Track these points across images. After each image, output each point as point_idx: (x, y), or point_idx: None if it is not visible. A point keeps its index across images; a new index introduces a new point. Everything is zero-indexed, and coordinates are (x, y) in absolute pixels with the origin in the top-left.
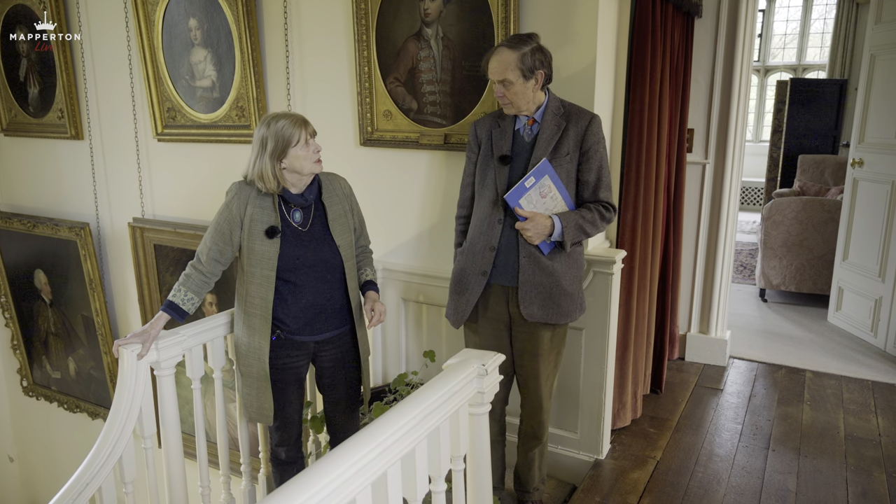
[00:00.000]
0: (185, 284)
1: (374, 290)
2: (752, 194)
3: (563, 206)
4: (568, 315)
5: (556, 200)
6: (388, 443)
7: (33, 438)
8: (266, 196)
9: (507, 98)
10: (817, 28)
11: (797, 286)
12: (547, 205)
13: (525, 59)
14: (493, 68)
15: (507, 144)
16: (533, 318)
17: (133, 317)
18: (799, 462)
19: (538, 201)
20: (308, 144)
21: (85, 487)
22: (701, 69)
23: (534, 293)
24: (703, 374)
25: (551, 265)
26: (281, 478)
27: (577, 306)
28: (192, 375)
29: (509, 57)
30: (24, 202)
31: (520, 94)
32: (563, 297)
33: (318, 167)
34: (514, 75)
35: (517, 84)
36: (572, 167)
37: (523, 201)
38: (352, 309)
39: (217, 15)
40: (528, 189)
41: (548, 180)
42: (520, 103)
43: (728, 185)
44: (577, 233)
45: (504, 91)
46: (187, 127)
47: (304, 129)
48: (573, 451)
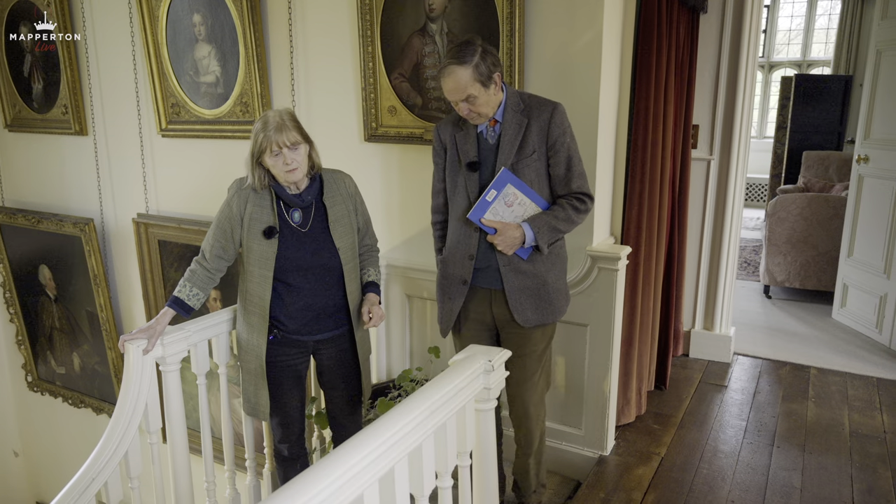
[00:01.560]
0: (189, 280)
1: (374, 291)
2: (757, 190)
3: (535, 208)
4: (560, 310)
5: (525, 205)
6: (395, 438)
7: (38, 433)
8: (265, 195)
9: (475, 111)
10: (822, 24)
11: (802, 283)
12: (516, 212)
13: (480, 69)
14: (451, 89)
15: (473, 149)
16: (529, 322)
17: (137, 312)
18: (804, 459)
19: (505, 211)
20: (277, 155)
21: (91, 482)
22: (706, 65)
23: (524, 298)
24: (708, 370)
25: (532, 267)
26: (284, 474)
27: (566, 299)
28: (198, 371)
29: (464, 74)
30: (29, 198)
31: (485, 103)
32: (553, 293)
33: (291, 177)
34: (474, 89)
35: (481, 96)
36: (541, 164)
37: (489, 215)
38: (350, 310)
39: (221, 10)
40: (491, 202)
41: (511, 188)
42: (487, 111)
43: (733, 182)
44: (552, 234)
45: (470, 107)
46: (191, 123)
47: (275, 138)
48: (577, 448)
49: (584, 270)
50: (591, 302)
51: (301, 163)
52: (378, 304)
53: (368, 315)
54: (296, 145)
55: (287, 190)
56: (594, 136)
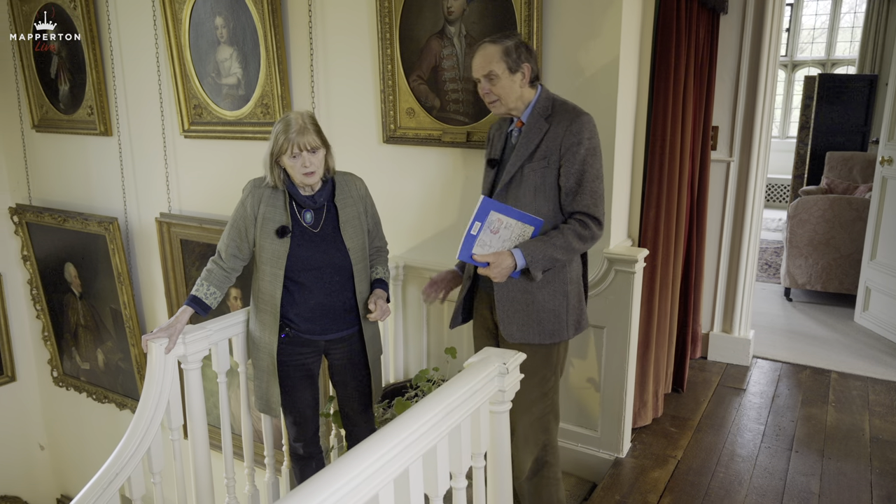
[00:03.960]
0: (207, 279)
1: (382, 288)
2: (779, 191)
3: (522, 227)
4: (552, 334)
5: (512, 227)
6: (410, 440)
7: (63, 427)
8: (278, 195)
9: (494, 93)
10: (847, 22)
11: (823, 285)
12: (503, 236)
13: (510, 52)
14: (476, 64)
15: (498, 148)
16: (513, 338)
17: (160, 310)
18: (822, 464)
19: (492, 239)
20: (296, 157)
21: (115, 477)
22: (726, 66)
23: (511, 311)
24: (726, 373)
25: (526, 281)
26: (301, 473)
27: (565, 323)
28: (218, 369)
29: (493, 50)
30: (55, 197)
31: (507, 89)
32: (543, 313)
33: (308, 179)
34: (499, 68)
35: (503, 78)
36: (550, 172)
37: (477, 248)
38: (360, 311)
39: (243, 13)
40: (477, 236)
41: (495, 215)
42: (507, 100)
43: (753, 183)
44: (547, 262)
45: (490, 87)
46: (213, 124)
47: (296, 140)
48: (593, 449)
49: (601, 273)
50: (608, 304)
51: (318, 167)
52: (384, 299)
53: (374, 305)
54: (315, 149)
55: (300, 191)
56: (612, 138)
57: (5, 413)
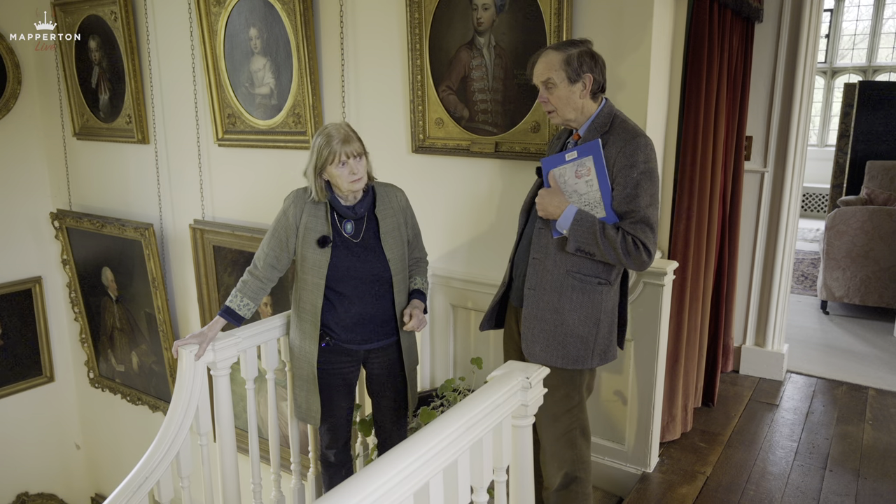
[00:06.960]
0: (241, 290)
1: (420, 298)
2: (816, 201)
3: (598, 199)
4: (576, 360)
5: (592, 188)
6: (430, 454)
7: (98, 427)
8: (320, 206)
9: (552, 102)
10: (889, 28)
11: (861, 299)
12: (580, 189)
13: (571, 61)
14: (536, 70)
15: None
16: (535, 357)
17: (192, 315)
18: (858, 484)
19: (571, 180)
20: (344, 165)
21: (144, 480)
22: (760, 74)
23: (537, 329)
24: (758, 388)
25: (558, 301)
26: (330, 480)
27: (591, 352)
28: (247, 376)
29: (554, 57)
30: (94, 203)
31: (564, 99)
32: (570, 338)
33: (355, 186)
34: (557, 76)
35: (561, 87)
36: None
37: (556, 171)
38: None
39: (276, 24)
40: (566, 162)
41: (590, 162)
42: (564, 110)
43: (788, 194)
44: (587, 239)
45: (547, 95)
46: (246, 133)
47: (341, 149)
48: (620, 463)
49: (630, 285)
50: (637, 317)
51: (364, 173)
52: (421, 309)
53: (409, 316)
54: (360, 155)
55: (341, 202)
56: None
57: (43, 413)
